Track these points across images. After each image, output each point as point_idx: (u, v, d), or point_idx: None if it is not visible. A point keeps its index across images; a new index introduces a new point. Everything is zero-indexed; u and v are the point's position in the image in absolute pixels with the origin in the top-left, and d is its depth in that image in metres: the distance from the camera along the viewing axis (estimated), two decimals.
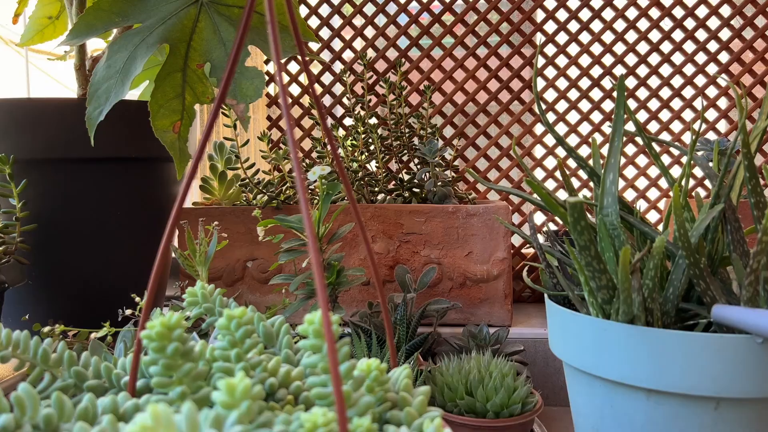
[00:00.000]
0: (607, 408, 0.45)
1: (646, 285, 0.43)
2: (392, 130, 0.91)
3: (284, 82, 0.58)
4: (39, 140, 0.68)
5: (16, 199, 0.65)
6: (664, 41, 0.98)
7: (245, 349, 0.31)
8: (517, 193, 0.53)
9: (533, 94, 0.55)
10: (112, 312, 0.59)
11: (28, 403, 0.25)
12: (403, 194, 0.88)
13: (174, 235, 0.34)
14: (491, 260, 0.79)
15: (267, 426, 0.25)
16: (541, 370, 0.80)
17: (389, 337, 0.38)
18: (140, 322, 0.30)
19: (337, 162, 0.34)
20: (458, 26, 1.02)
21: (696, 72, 0.97)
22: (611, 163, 0.47)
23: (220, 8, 0.61)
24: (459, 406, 0.58)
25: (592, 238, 0.42)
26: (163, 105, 0.61)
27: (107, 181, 0.72)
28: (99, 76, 0.59)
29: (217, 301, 0.41)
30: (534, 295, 0.99)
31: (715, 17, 0.97)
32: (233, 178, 0.90)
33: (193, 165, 0.29)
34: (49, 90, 1.59)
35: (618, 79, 0.47)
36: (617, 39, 0.98)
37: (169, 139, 0.62)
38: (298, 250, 0.65)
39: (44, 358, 0.32)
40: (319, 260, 0.29)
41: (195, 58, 0.61)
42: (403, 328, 0.67)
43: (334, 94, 1.05)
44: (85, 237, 0.71)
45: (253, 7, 0.28)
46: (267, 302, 0.83)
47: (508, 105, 1.01)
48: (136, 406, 0.28)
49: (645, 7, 0.98)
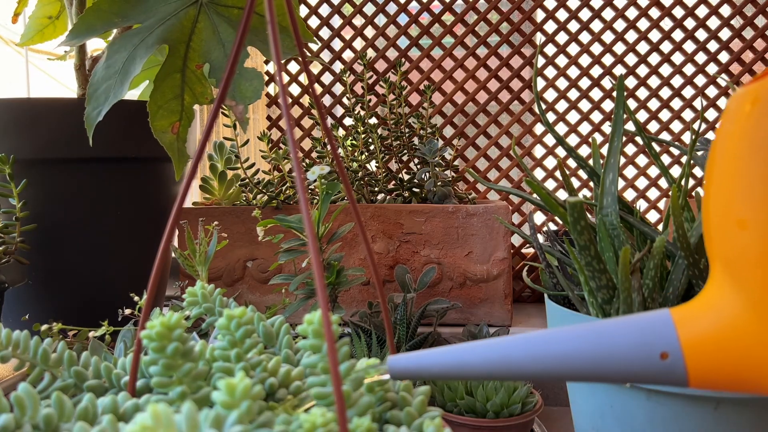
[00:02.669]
0: (607, 408, 0.45)
1: (646, 285, 0.43)
2: (392, 130, 0.91)
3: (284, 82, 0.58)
4: (39, 140, 0.68)
5: (16, 199, 0.65)
6: (664, 41, 0.98)
7: (245, 349, 0.31)
8: (517, 193, 0.53)
9: (533, 94, 0.55)
10: (111, 312, 0.59)
11: (28, 403, 0.25)
12: (403, 194, 0.88)
13: (174, 235, 0.34)
14: (491, 260, 0.79)
15: (267, 426, 0.25)
16: None
17: (389, 337, 0.38)
18: (140, 322, 0.30)
19: (337, 162, 0.34)
20: (458, 26, 1.02)
21: (696, 72, 0.97)
22: (611, 162, 0.47)
23: (219, 9, 0.61)
24: (459, 406, 0.58)
25: (592, 238, 0.42)
26: (162, 106, 0.61)
27: (107, 181, 0.72)
28: (98, 76, 0.59)
29: (217, 301, 0.41)
30: (534, 295, 0.99)
31: (715, 17, 0.97)
32: (233, 178, 0.90)
33: (193, 165, 0.29)
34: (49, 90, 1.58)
35: (618, 79, 0.47)
36: (617, 39, 0.98)
37: (167, 140, 0.62)
38: (298, 250, 0.65)
39: (44, 358, 0.32)
40: (319, 260, 0.29)
41: (194, 59, 0.61)
42: (403, 328, 0.67)
43: (334, 94, 1.05)
44: (85, 237, 0.71)
45: (252, 7, 0.28)
46: (267, 302, 0.83)
47: (508, 105, 1.01)
48: (136, 406, 0.28)
49: (645, 7, 0.98)
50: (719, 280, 0.27)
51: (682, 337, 0.26)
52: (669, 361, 0.26)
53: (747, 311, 0.25)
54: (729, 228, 0.25)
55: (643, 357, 0.26)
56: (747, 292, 0.25)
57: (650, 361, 0.26)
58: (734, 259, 0.25)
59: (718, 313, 0.26)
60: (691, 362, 0.26)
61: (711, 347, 0.26)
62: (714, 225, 0.27)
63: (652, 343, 0.26)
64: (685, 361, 0.26)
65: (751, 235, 0.24)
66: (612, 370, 0.27)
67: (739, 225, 0.25)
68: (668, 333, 0.26)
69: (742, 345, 0.25)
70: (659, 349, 0.26)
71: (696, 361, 0.26)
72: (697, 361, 0.26)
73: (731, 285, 0.26)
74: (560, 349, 0.27)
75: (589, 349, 0.27)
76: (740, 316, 0.25)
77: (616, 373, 0.27)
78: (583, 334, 0.27)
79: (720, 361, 0.25)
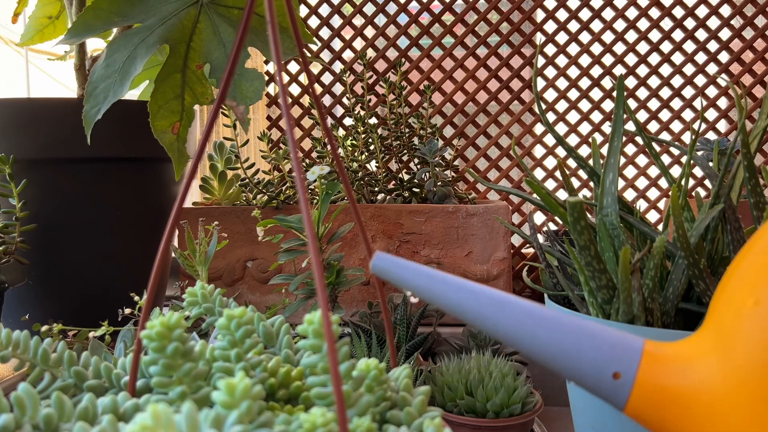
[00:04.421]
0: (607, 408, 0.45)
1: (646, 285, 0.43)
2: (392, 130, 0.91)
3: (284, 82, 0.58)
4: (39, 140, 0.68)
5: (16, 199, 0.65)
6: (664, 41, 0.98)
7: (245, 349, 0.31)
8: (517, 193, 0.53)
9: (533, 94, 0.55)
10: (112, 312, 0.59)
11: (28, 403, 0.25)
12: (403, 194, 0.88)
13: (174, 235, 0.34)
14: (491, 260, 0.79)
15: (267, 426, 0.25)
16: (541, 370, 0.80)
17: (389, 337, 0.38)
18: (140, 322, 0.30)
19: (337, 162, 0.34)
20: (458, 26, 1.02)
21: (696, 72, 0.97)
22: (611, 162, 0.47)
23: (220, 9, 0.61)
24: (459, 406, 0.58)
25: (592, 238, 0.42)
26: (163, 106, 0.61)
27: (107, 181, 0.72)
28: (97, 75, 0.59)
29: (217, 301, 0.41)
30: (534, 295, 0.99)
31: (715, 17, 0.97)
32: (233, 178, 0.90)
33: (193, 165, 0.29)
34: (49, 90, 1.59)
35: (618, 79, 0.47)
36: (617, 39, 0.98)
37: (168, 140, 0.62)
38: (298, 250, 0.65)
39: (44, 358, 0.32)
40: (319, 260, 0.29)
41: (195, 59, 0.61)
42: (403, 328, 0.67)
43: (334, 94, 1.05)
44: (85, 237, 0.71)
45: (252, 8, 0.28)
46: (267, 302, 0.83)
47: (508, 105, 1.01)
48: (136, 406, 0.28)
49: (645, 7, 0.98)
50: (704, 341, 0.28)
51: (642, 368, 0.27)
52: (618, 382, 0.27)
53: (721, 373, 0.26)
54: (744, 302, 0.27)
55: (598, 365, 0.27)
56: (731, 359, 0.26)
57: (601, 373, 0.27)
58: (733, 327, 0.27)
59: (689, 362, 0.27)
60: (636, 395, 0.27)
61: (663, 388, 0.27)
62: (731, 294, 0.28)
63: (612, 358, 0.27)
64: (632, 391, 0.27)
65: (761, 312, 0.26)
66: (562, 362, 0.27)
67: (755, 303, 0.26)
68: (632, 357, 0.27)
69: (701, 397, 0.26)
70: (616, 368, 0.27)
71: (641, 397, 0.27)
72: (642, 396, 0.27)
73: (716, 346, 0.27)
74: (531, 323, 0.28)
75: (554, 335, 0.27)
76: (711, 373, 0.26)
77: (563, 366, 0.27)
78: (561, 320, 0.28)
79: (663, 405, 0.27)
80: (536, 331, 0.27)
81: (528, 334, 0.28)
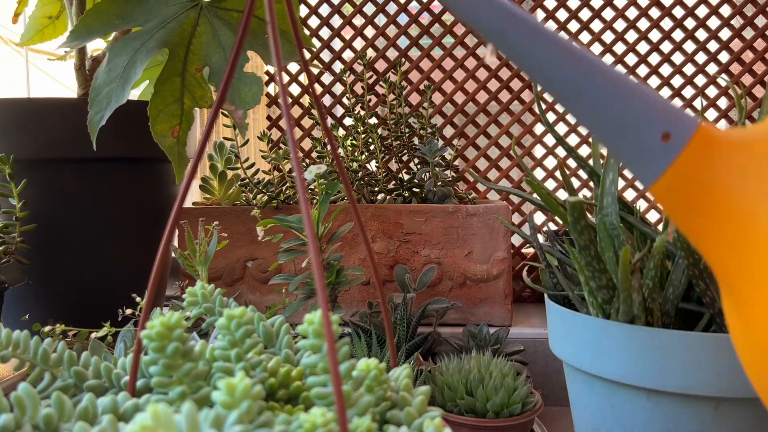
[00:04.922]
0: (607, 408, 0.45)
1: (646, 285, 0.43)
2: (392, 130, 0.91)
3: (284, 82, 0.58)
4: (39, 140, 0.68)
5: (16, 199, 0.65)
6: (664, 41, 0.98)
7: (245, 349, 0.31)
8: (517, 193, 0.53)
9: (533, 94, 0.55)
10: (112, 312, 0.60)
11: (28, 403, 0.25)
12: (403, 194, 0.88)
13: (174, 235, 0.34)
14: (491, 260, 0.79)
15: (267, 426, 0.25)
16: (541, 370, 0.80)
17: (389, 336, 0.38)
18: (140, 322, 0.30)
19: (337, 162, 0.34)
20: (458, 26, 1.02)
21: (696, 72, 0.97)
22: (611, 162, 0.47)
23: (219, 12, 0.61)
24: (459, 406, 0.58)
25: (592, 238, 0.42)
26: (162, 110, 0.61)
27: (107, 181, 0.72)
28: (100, 81, 0.60)
29: (217, 301, 0.41)
30: (534, 294, 0.99)
31: (715, 17, 0.97)
32: (233, 178, 0.90)
33: (193, 165, 0.29)
34: (49, 90, 1.59)
35: None
36: (617, 39, 0.98)
37: (168, 144, 0.62)
38: (298, 250, 0.65)
39: (44, 358, 0.32)
40: (319, 260, 0.29)
41: (194, 62, 0.61)
42: (403, 328, 0.67)
43: (334, 94, 1.05)
44: (85, 237, 0.71)
45: (252, 11, 0.28)
46: (267, 302, 0.83)
47: (508, 105, 1.01)
48: (136, 406, 0.28)
49: (645, 7, 0.98)
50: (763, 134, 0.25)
51: (696, 138, 0.24)
52: (665, 145, 0.24)
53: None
54: None
55: (648, 121, 0.24)
56: None
57: (649, 130, 0.24)
58: None
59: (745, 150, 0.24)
60: (680, 164, 0.24)
61: (710, 167, 0.24)
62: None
63: (665, 119, 0.24)
64: (677, 158, 0.24)
65: None
66: (606, 111, 0.25)
67: None
68: (689, 125, 0.24)
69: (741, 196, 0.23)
70: (667, 128, 0.24)
71: (682, 168, 0.24)
72: (684, 168, 0.24)
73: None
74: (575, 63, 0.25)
75: (609, 83, 0.24)
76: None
77: (605, 116, 0.25)
78: (610, 72, 0.25)
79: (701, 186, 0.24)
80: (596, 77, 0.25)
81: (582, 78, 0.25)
